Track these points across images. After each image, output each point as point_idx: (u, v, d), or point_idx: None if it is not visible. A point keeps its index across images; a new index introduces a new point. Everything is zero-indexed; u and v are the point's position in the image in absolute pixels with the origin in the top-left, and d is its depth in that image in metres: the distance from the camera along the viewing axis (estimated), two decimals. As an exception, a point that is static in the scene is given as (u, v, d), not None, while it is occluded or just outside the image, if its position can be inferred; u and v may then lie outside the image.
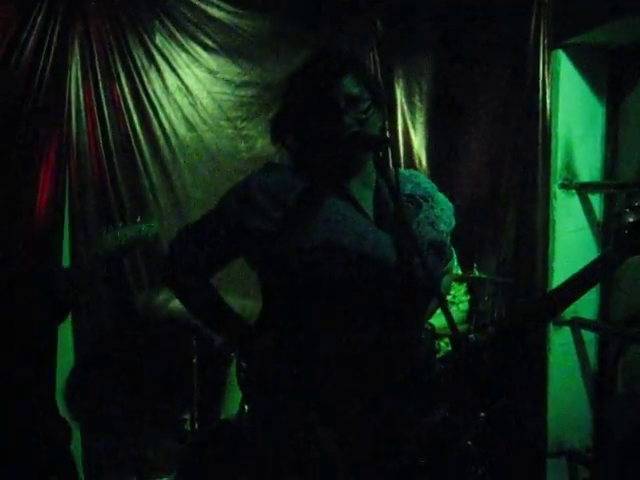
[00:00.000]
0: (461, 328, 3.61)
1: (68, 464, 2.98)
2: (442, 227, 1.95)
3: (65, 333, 3.78)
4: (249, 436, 1.91)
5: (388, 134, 1.92)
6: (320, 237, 1.76)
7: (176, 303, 3.39)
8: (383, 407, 1.80)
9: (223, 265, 1.95)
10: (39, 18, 3.61)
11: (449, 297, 3.73)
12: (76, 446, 3.69)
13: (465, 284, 3.82)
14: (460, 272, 3.79)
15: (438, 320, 3.61)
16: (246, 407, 3.12)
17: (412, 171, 2.05)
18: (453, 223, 2.01)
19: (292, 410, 1.79)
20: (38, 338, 3.01)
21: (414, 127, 4.38)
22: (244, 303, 2.66)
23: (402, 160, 4.33)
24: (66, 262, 3.77)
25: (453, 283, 3.77)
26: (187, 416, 3.58)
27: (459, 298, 3.82)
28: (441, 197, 2.02)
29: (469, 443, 3.34)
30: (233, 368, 3.34)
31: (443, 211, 1.98)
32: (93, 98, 3.77)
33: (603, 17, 3.31)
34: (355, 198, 1.86)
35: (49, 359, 3.61)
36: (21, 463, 2.66)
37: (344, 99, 1.80)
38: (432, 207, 1.95)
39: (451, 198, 2.06)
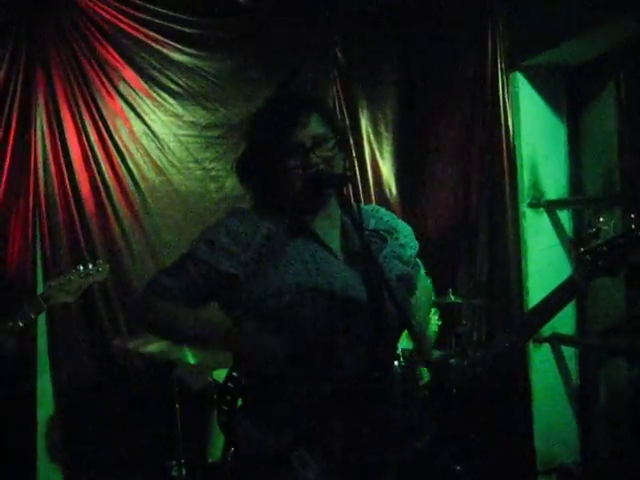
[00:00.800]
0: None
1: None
2: (409, 253, 1.98)
3: (44, 383, 3.74)
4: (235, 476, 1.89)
5: (349, 172, 1.94)
6: (289, 280, 1.78)
7: (152, 347, 3.40)
8: (365, 438, 1.79)
9: (196, 304, 1.91)
10: (1, 71, 3.62)
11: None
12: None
13: (437, 309, 3.83)
14: (433, 297, 3.81)
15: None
16: (231, 449, 3.09)
17: (373, 206, 2.06)
18: (417, 244, 2.03)
19: (277, 445, 1.78)
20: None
21: (382, 156, 4.42)
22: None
23: (372, 190, 4.36)
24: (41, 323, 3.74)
25: None
26: (173, 462, 3.53)
27: (431, 321, 3.82)
28: (401, 224, 2.03)
29: (458, 468, 3.33)
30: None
31: (406, 237, 2.00)
32: (60, 149, 3.78)
33: (556, 38, 3.40)
34: (321, 237, 1.87)
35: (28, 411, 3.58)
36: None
37: (310, 138, 1.82)
38: (396, 238, 1.96)
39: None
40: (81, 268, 3.09)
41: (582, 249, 1.85)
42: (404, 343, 3.61)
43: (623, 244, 1.86)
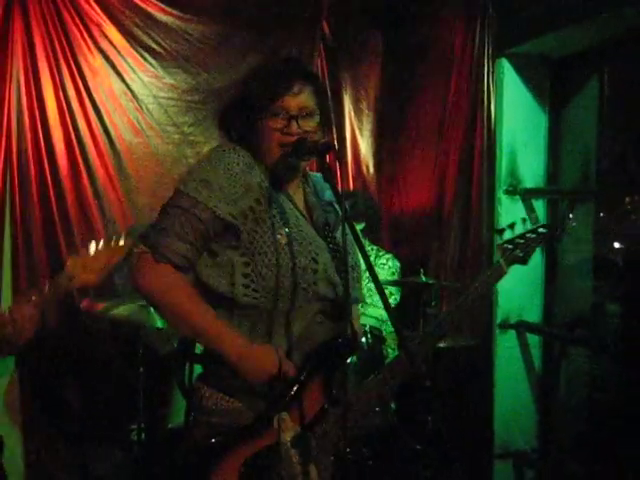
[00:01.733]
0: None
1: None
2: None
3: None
4: (198, 442, 1.88)
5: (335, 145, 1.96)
6: (282, 242, 1.80)
7: (119, 310, 3.36)
8: (336, 407, 1.83)
9: (199, 252, 1.84)
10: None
11: (393, 301, 3.77)
12: (17, 460, 3.58)
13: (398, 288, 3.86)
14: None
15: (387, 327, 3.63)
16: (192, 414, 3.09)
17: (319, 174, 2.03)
18: None
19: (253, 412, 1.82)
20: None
21: (361, 134, 4.41)
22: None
23: (349, 167, 4.35)
24: (6, 273, 3.66)
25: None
26: (134, 426, 3.52)
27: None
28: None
29: (417, 447, 3.38)
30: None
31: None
32: (35, 102, 3.69)
33: (544, 27, 3.40)
34: (296, 202, 1.92)
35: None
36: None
37: (297, 108, 1.83)
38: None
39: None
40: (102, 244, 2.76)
41: (504, 239, 2.14)
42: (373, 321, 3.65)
43: (532, 238, 2.16)
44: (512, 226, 2.16)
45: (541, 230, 2.20)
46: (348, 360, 1.92)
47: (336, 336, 1.86)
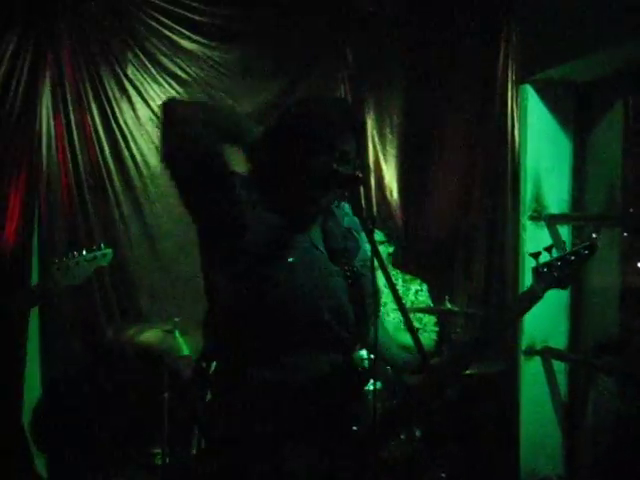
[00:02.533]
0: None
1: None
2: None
3: (32, 365, 3.72)
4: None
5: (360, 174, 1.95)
6: (287, 276, 1.79)
7: (145, 336, 3.39)
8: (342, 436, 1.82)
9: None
10: (11, 46, 3.61)
11: (418, 324, 3.76)
12: (42, 481, 3.62)
13: (435, 315, 3.84)
14: (431, 304, 3.82)
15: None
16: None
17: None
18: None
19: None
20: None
21: (385, 159, 4.42)
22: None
23: (373, 192, 4.36)
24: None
25: (423, 314, 3.80)
26: (158, 450, 3.53)
27: (429, 327, 3.84)
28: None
29: (443, 475, 3.35)
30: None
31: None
32: (64, 128, 3.76)
33: (569, 53, 3.40)
34: (313, 240, 1.89)
35: (16, 393, 3.56)
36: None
37: (340, 153, 1.81)
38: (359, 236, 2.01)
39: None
40: (84, 252, 2.95)
41: (540, 262, 2.03)
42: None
43: (573, 260, 2.05)
44: (549, 249, 2.04)
45: (583, 251, 2.06)
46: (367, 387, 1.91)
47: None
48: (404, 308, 1.75)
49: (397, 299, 1.72)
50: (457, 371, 2.03)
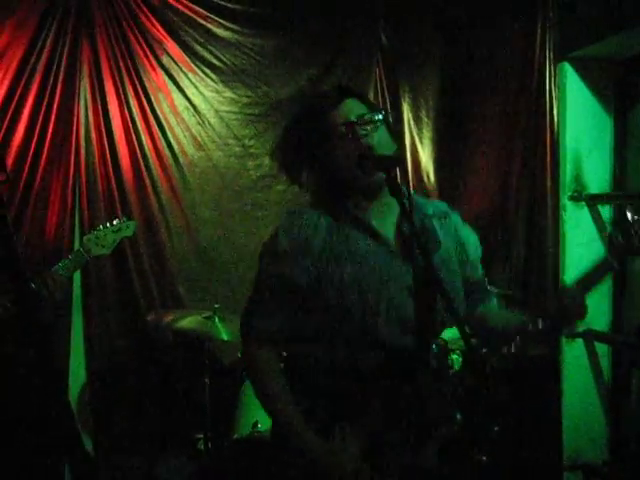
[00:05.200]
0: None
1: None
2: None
3: (77, 352, 3.79)
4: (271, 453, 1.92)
5: (398, 154, 1.92)
6: (346, 280, 1.80)
7: (185, 322, 3.42)
8: (402, 418, 1.81)
9: (289, 323, 1.91)
10: (47, 41, 3.66)
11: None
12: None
13: None
14: None
15: (450, 332, 3.60)
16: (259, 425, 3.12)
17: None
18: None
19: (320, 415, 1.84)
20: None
21: (421, 142, 4.38)
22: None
23: (410, 176, 4.33)
24: (76, 284, 3.79)
25: None
26: (200, 435, 3.57)
27: None
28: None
29: (483, 457, 3.32)
30: (244, 387, 3.33)
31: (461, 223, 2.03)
32: (102, 119, 3.81)
33: (609, 30, 3.32)
34: (375, 228, 1.86)
35: (60, 379, 3.61)
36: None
37: (344, 124, 1.81)
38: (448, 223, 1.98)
39: (459, 212, 2.08)
40: (108, 224, 3.28)
41: (615, 230, 1.89)
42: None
43: None
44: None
45: None
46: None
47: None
48: (446, 293, 1.72)
49: (438, 283, 1.70)
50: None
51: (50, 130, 3.68)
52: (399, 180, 1.90)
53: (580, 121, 3.60)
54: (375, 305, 1.79)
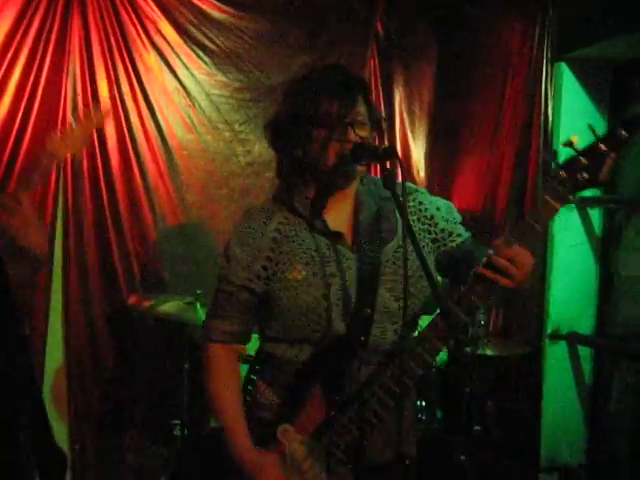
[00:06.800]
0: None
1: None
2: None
3: (54, 334, 3.73)
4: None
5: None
6: (295, 279, 1.81)
7: (166, 307, 3.38)
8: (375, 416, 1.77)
9: (249, 326, 1.97)
10: (36, 16, 3.57)
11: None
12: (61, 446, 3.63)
13: None
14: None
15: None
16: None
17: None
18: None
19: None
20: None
21: (413, 135, 4.35)
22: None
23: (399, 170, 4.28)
24: (57, 262, 3.72)
25: None
26: (177, 421, 3.53)
27: None
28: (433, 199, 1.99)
29: (462, 457, 3.32)
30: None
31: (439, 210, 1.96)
32: (90, 95, 3.72)
33: (607, 31, 3.30)
34: (327, 223, 1.86)
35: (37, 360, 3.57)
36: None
37: (354, 114, 1.79)
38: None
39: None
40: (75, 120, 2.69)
41: (556, 165, 1.66)
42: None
43: (605, 147, 1.62)
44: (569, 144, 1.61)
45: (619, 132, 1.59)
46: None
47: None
48: (433, 280, 1.68)
49: (427, 272, 1.66)
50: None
51: (36, 106, 3.59)
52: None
53: (574, 122, 3.57)
54: (325, 301, 1.79)
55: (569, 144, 1.63)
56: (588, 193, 3.57)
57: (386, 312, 1.82)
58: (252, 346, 2.10)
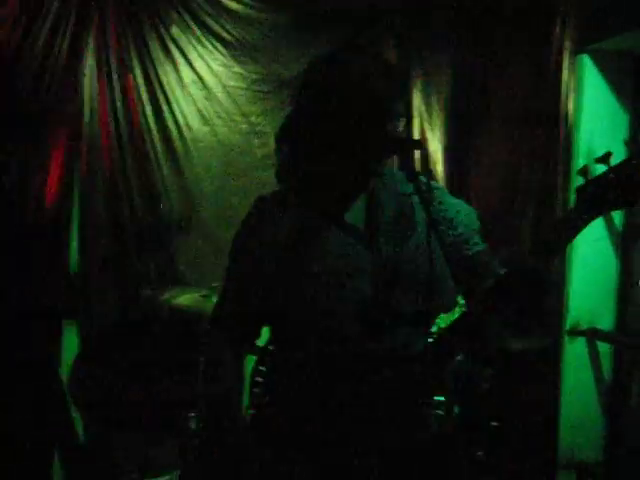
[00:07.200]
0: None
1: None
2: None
3: (69, 329, 3.73)
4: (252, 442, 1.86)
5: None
6: (310, 279, 1.72)
7: (181, 300, 3.37)
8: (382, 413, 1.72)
9: (255, 322, 1.91)
10: (54, 5, 3.56)
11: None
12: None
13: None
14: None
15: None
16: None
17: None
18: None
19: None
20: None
21: (431, 130, 4.30)
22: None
23: (417, 164, 4.25)
24: (73, 254, 3.72)
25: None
26: (193, 414, 3.52)
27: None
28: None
29: (479, 453, 3.28)
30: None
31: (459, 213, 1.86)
32: (106, 88, 3.72)
33: (630, 23, 3.24)
34: (344, 216, 1.77)
35: (52, 355, 3.57)
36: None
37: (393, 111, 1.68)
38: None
39: (468, 204, 1.95)
40: None
41: (585, 181, 1.54)
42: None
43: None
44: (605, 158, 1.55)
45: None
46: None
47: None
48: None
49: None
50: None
51: (54, 101, 3.58)
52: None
53: (596, 116, 3.52)
54: (338, 299, 1.70)
55: (584, 173, 1.59)
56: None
57: (402, 314, 1.73)
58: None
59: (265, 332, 1.97)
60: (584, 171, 1.57)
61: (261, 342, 2.12)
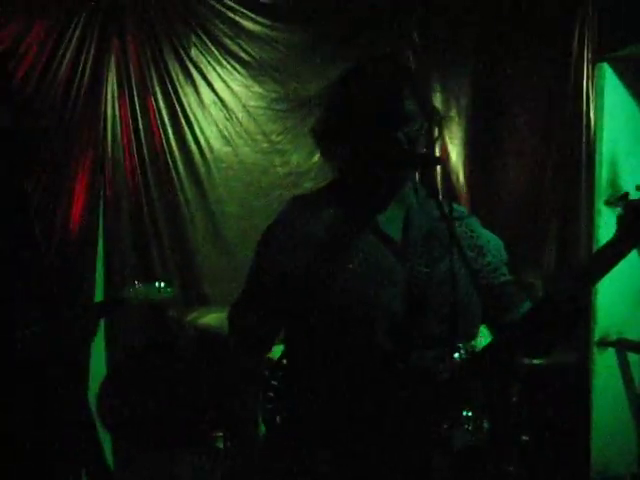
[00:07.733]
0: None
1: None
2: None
3: (98, 346, 3.76)
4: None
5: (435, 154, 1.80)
6: (341, 280, 1.67)
7: (207, 320, 3.38)
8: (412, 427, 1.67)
9: (279, 322, 1.83)
10: (76, 32, 3.63)
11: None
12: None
13: None
14: None
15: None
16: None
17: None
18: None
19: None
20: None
21: (452, 142, 4.29)
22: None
23: (438, 176, 4.24)
24: (99, 277, 3.76)
25: None
26: (220, 434, 3.53)
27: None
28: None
29: (510, 468, 3.25)
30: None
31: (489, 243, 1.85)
32: (129, 112, 3.77)
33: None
34: (382, 226, 1.74)
35: (79, 377, 3.59)
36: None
37: (400, 116, 1.66)
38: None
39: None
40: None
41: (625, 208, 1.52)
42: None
43: None
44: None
45: None
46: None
47: None
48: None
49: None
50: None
51: (76, 124, 3.63)
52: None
53: (618, 124, 3.50)
54: (371, 309, 1.65)
55: (624, 200, 1.54)
56: (634, 195, 3.51)
57: (430, 335, 1.69)
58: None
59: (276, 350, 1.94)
60: (624, 198, 1.54)
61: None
